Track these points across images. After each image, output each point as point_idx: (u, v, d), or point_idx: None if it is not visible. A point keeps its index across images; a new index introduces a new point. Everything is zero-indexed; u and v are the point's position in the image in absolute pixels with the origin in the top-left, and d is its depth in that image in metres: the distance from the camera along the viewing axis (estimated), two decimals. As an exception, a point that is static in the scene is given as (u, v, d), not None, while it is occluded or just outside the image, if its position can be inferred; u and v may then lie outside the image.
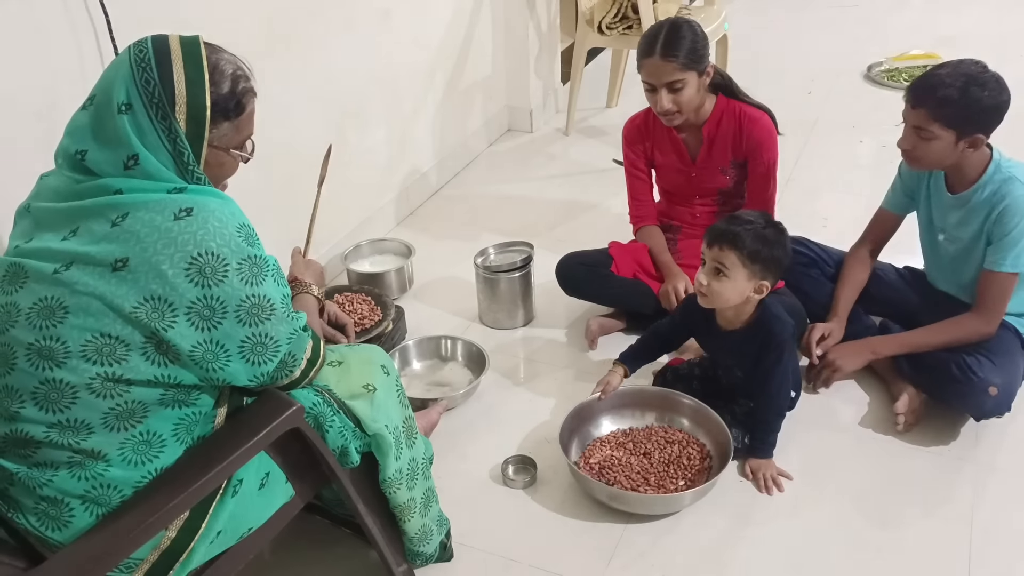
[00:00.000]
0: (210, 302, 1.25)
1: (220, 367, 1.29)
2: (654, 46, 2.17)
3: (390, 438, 1.55)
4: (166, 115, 1.25)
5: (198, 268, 1.23)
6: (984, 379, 1.95)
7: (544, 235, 3.01)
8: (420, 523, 1.69)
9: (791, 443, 2.07)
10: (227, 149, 1.35)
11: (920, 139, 1.93)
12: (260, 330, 1.31)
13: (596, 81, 4.05)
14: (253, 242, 1.30)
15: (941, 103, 1.87)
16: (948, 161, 1.96)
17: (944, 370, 2.00)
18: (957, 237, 2.07)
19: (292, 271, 1.75)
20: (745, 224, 1.89)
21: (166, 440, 1.31)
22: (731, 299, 1.92)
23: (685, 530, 1.90)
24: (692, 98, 2.21)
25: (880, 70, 4.19)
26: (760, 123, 2.28)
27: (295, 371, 1.41)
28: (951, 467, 2.02)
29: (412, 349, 2.41)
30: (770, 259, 1.88)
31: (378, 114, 2.94)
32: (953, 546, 1.83)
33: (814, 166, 3.45)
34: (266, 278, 1.31)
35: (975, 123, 1.89)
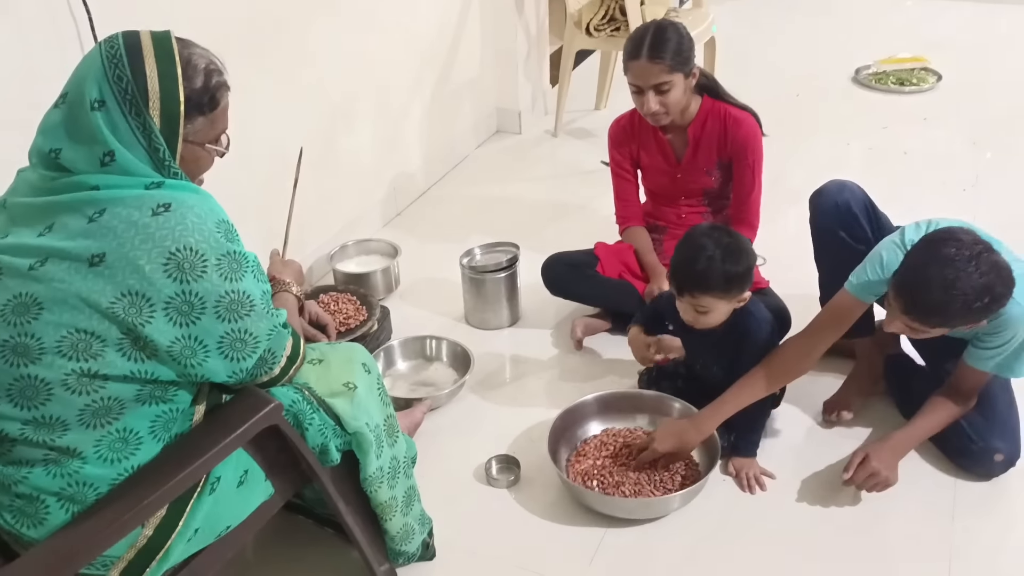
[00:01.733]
0: (189, 297, 1.24)
1: (198, 363, 1.29)
2: (640, 48, 2.17)
3: (371, 436, 1.55)
4: (140, 111, 1.25)
5: (176, 263, 1.22)
6: (988, 446, 1.91)
7: (532, 236, 3.00)
8: (402, 522, 1.69)
9: (775, 441, 2.07)
10: (202, 144, 1.34)
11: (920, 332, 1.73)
12: (239, 326, 1.30)
13: (585, 83, 4.05)
14: (232, 238, 1.30)
15: (953, 321, 1.67)
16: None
17: (948, 437, 1.96)
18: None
19: (270, 270, 1.75)
20: (704, 258, 1.83)
21: (143, 437, 1.30)
22: (719, 322, 1.94)
23: (667, 530, 1.90)
24: (679, 99, 2.22)
25: (868, 73, 4.21)
26: (745, 124, 2.29)
27: (275, 368, 1.41)
28: (933, 466, 2.03)
29: (397, 349, 2.41)
30: (742, 275, 1.87)
31: (365, 115, 2.94)
32: (935, 544, 1.84)
33: (801, 168, 3.45)
34: (246, 274, 1.30)
35: (987, 313, 1.67)
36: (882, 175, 2.40)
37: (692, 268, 1.87)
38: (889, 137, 3.63)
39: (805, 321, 2.29)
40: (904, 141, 3.59)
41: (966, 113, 3.80)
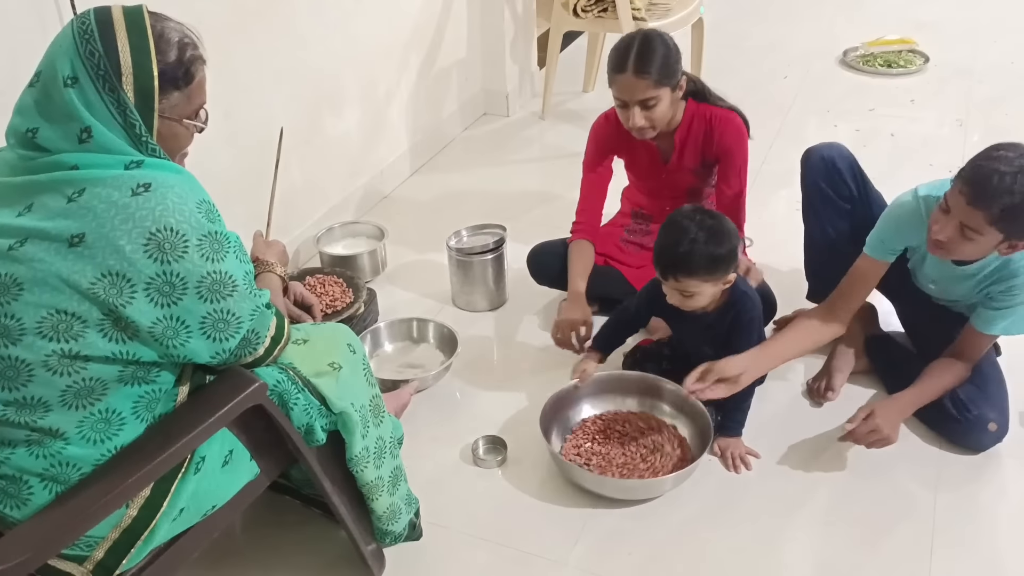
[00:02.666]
0: (170, 278, 1.23)
1: (180, 343, 1.28)
2: (625, 62, 2.09)
3: (356, 416, 1.55)
4: (113, 87, 1.23)
5: (157, 244, 1.22)
6: (981, 416, 1.94)
7: (519, 219, 3.00)
8: (388, 502, 1.69)
9: (759, 420, 2.08)
10: (179, 119, 1.33)
11: (963, 237, 1.71)
12: (222, 306, 1.30)
13: (572, 65, 4.04)
14: (214, 218, 1.29)
15: (1005, 213, 1.65)
16: (977, 257, 1.81)
17: (937, 407, 1.97)
18: (951, 289, 1.98)
19: (253, 251, 1.73)
20: (687, 241, 1.83)
21: (126, 418, 1.30)
22: (707, 303, 1.94)
23: (651, 510, 1.91)
24: (665, 113, 2.16)
25: (856, 55, 4.20)
26: (731, 126, 2.23)
27: (259, 348, 1.41)
28: (917, 443, 2.05)
29: (384, 331, 2.41)
30: (726, 257, 1.86)
31: (352, 96, 2.92)
32: (918, 520, 1.86)
33: (788, 151, 3.43)
34: (228, 254, 1.29)
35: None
36: (869, 157, 2.39)
37: (675, 252, 1.86)
38: (876, 119, 3.63)
39: (790, 304, 2.31)
40: (891, 123, 3.60)
41: (953, 95, 3.81)
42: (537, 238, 2.57)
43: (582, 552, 1.81)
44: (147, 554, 1.36)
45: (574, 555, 1.81)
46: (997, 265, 1.83)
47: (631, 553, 1.81)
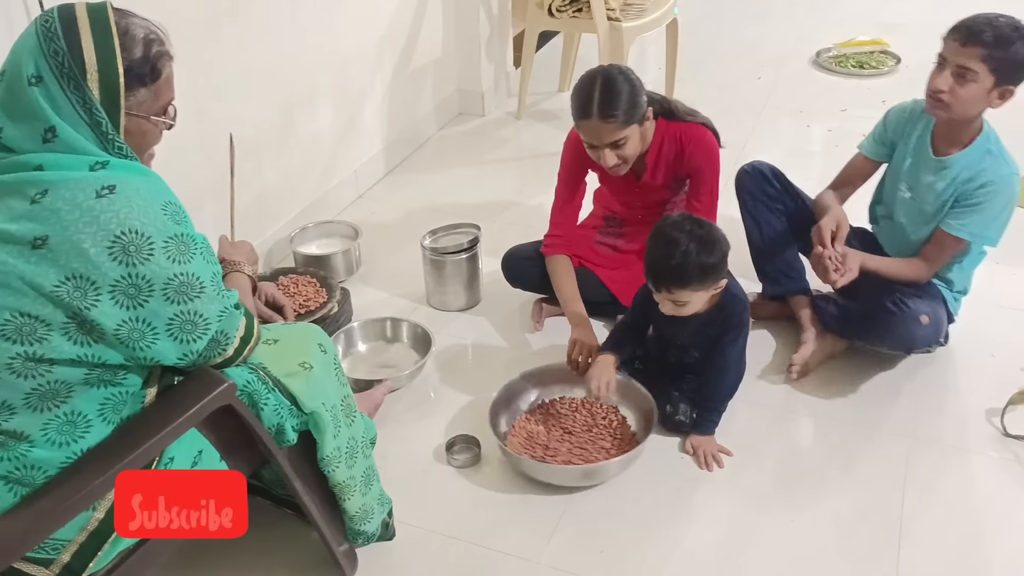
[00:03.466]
0: (135, 280, 1.23)
1: (147, 345, 1.27)
2: (589, 107, 2.05)
3: (327, 416, 1.54)
4: (78, 85, 1.22)
5: (121, 247, 1.21)
6: (915, 309, 2.04)
7: (495, 219, 3.01)
8: (360, 502, 1.68)
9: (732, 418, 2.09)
10: (147, 116, 1.32)
11: (959, 80, 1.92)
12: (189, 308, 1.29)
13: (548, 65, 4.05)
14: (180, 220, 1.28)
15: (996, 42, 1.87)
16: (975, 111, 1.97)
17: (877, 303, 2.07)
18: (923, 197, 2.11)
19: (220, 252, 1.73)
20: (679, 253, 1.83)
21: (92, 420, 1.29)
22: (699, 309, 1.95)
23: (625, 507, 1.92)
24: (636, 148, 2.15)
25: (828, 56, 4.25)
26: (702, 143, 2.22)
27: (228, 349, 1.40)
28: (886, 435, 2.07)
29: (357, 331, 2.40)
30: (717, 266, 1.87)
31: (326, 96, 2.91)
32: (885, 517, 1.88)
33: (761, 151, 3.47)
34: (194, 256, 1.29)
35: (1015, 72, 1.91)
36: (841, 156, 2.42)
37: (668, 264, 1.86)
38: (848, 119, 3.67)
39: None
40: (863, 123, 3.56)
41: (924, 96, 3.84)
42: (512, 238, 2.57)
43: (555, 550, 1.82)
44: (114, 556, 1.35)
45: (547, 553, 1.81)
46: (972, 159, 2.00)
47: (603, 551, 1.82)
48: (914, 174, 2.14)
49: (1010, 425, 2.07)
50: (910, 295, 2.08)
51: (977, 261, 2.19)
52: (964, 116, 2.00)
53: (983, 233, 2.05)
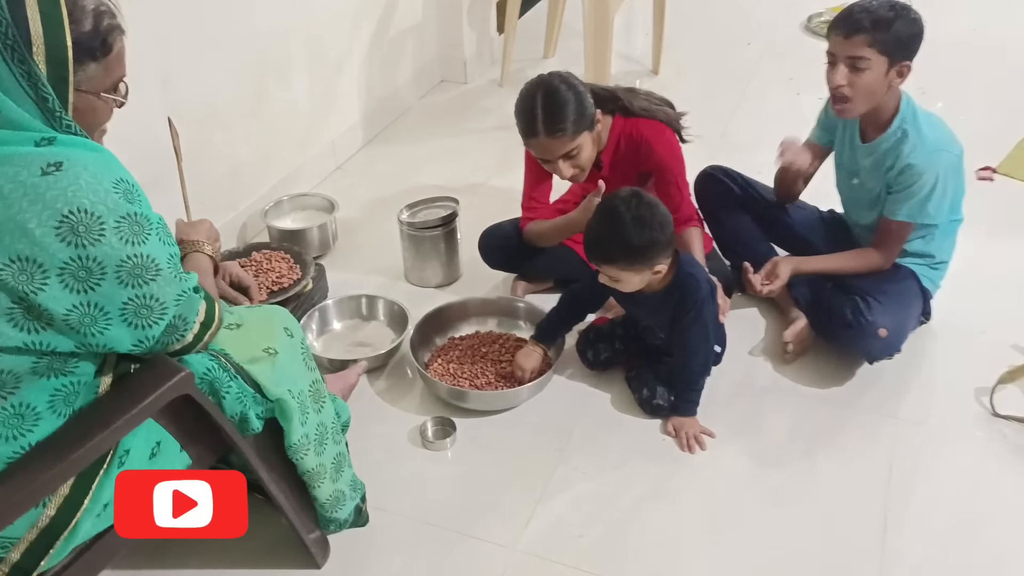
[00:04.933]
0: (86, 263, 1.16)
1: (99, 331, 1.21)
2: (535, 125, 2.00)
3: (294, 403, 1.48)
4: (23, 58, 1.15)
5: (70, 227, 1.14)
6: (873, 322, 2.01)
7: (477, 190, 2.94)
8: (331, 489, 1.63)
9: (713, 399, 2.05)
10: (97, 93, 1.25)
11: (854, 71, 1.93)
12: (144, 291, 1.22)
13: (533, 30, 3.94)
14: (133, 198, 1.21)
15: (876, 25, 1.88)
16: (878, 97, 1.97)
17: (838, 313, 2.06)
18: (868, 182, 2.12)
19: (178, 233, 1.65)
20: (613, 227, 1.80)
21: (41, 413, 1.23)
22: (637, 287, 1.90)
23: (605, 492, 1.87)
24: (590, 155, 2.08)
25: (820, 20, 4.15)
26: (659, 141, 2.14)
27: (187, 335, 1.34)
28: (869, 423, 2.03)
29: (332, 309, 2.34)
30: (648, 246, 1.81)
31: (300, 64, 2.81)
32: (870, 502, 1.84)
33: (750, 120, 3.42)
34: (149, 236, 1.22)
35: (904, 48, 1.92)
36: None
37: (596, 236, 1.84)
38: (839, 88, 3.58)
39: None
40: (853, 92, 3.55)
41: (916, 62, 3.75)
42: (494, 210, 2.51)
43: (532, 536, 1.78)
44: (68, 553, 1.30)
45: (523, 539, 1.77)
46: (891, 146, 2.01)
47: (582, 536, 1.77)
48: (853, 160, 2.15)
49: (999, 405, 2.03)
50: (872, 298, 2.05)
51: (951, 230, 2.15)
52: (871, 105, 1.99)
53: (920, 213, 2.03)
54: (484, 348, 2.20)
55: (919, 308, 2.16)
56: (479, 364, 2.15)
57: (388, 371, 2.21)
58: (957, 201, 2.11)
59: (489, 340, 2.23)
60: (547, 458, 1.94)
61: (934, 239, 2.13)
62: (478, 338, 2.25)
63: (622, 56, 3.88)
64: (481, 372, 2.12)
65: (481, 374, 2.12)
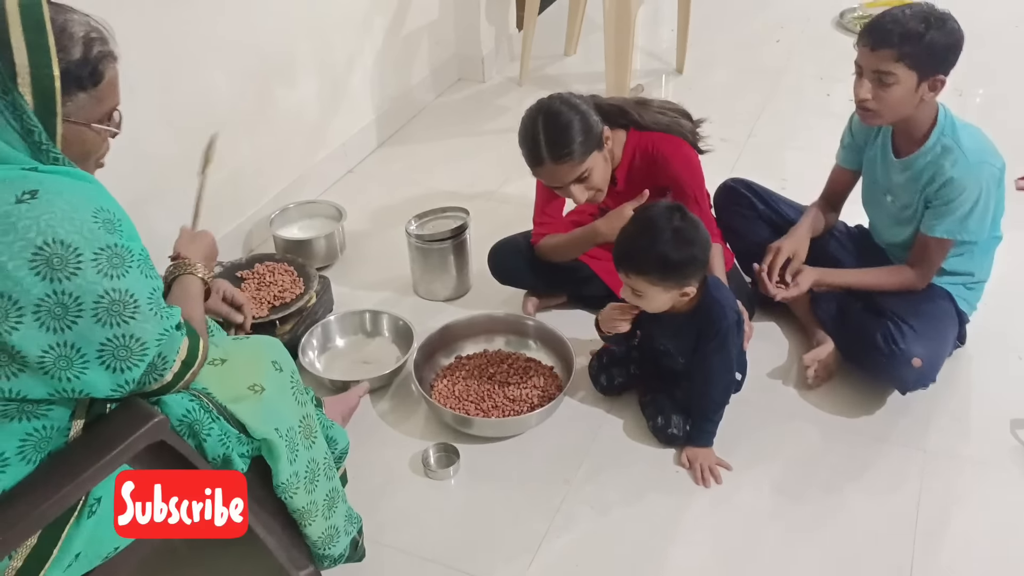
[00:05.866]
0: (61, 298, 1.08)
1: (75, 375, 1.13)
2: (539, 153, 1.90)
3: (281, 442, 1.41)
4: (7, 89, 1.09)
5: (44, 259, 1.06)
6: (907, 351, 1.90)
7: (493, 194, 2.85)
8: (324, 526, 1.56)
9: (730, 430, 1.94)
10: (87, 123, 1.19)
11: (880, 86, 1.81)
12: (123, 331, 1.15)
13: (553, 27, 3.83)
14: (114, 229, 1.13)
15: (904, 39, 1.76)
16: (906, 110, 1.86)
17: (869, 339, 1.94)
18: (902, 198, 2.00)
19: (177, 245, 1.56)
20: (647, 238, 1.71)
21: (10, 460, 1.15)
22: (660, 308, 1.79)
23: (614, 527, 1.78)
24: (604, 174, 1.98)
25: (853, 16, 4.00)
26: (676, 156, 2.02)
27: (166, 374, 1.25)
28: (894, 452, 1.92)
29: (334, 324, 2.26)
30: (684, 264, 1.71)
31: (306, 65, 2.72)
32: (898, 536, 1.73)
33: (777, 121, 3.29)
34: (130, 270, 1.14)
35: (937, 62, 1.79)
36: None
37: (632, 244, 1.74)
38: (871, 87, 3.44)
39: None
40: (887, 92, 3.41)
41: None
42: (507, 219, 2.42)
43: (536, 575, 1.69)
44: (37, 605, 1.23)
45: (527, 579, 1.69)
46: (930, 160, 1.89)
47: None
48: (886, 176, 2.02)
49: (1036, 439, 1.91)
50: (906, 323, 1.93)
51: (990, 247, 2.03)
52: (900, 117, 1.88)
53: (961, 230, 1.91)
54: (492, 369, 2.11)
55: (955, 333, 2.04)
56: (486, 386, 2.06)
57: (392, 391, 2.13)
58: (997, 217, 1.98)
59: (497, 360, 2.15)
60: (554, 489, 1.86)
61: (974, 256, 2.01)
62: (485, 358, 2.16)
63: (645, 52, 3.76)
64: (488, 395, 2.04)
65: (488, 396, 2.03)
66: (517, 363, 2.13)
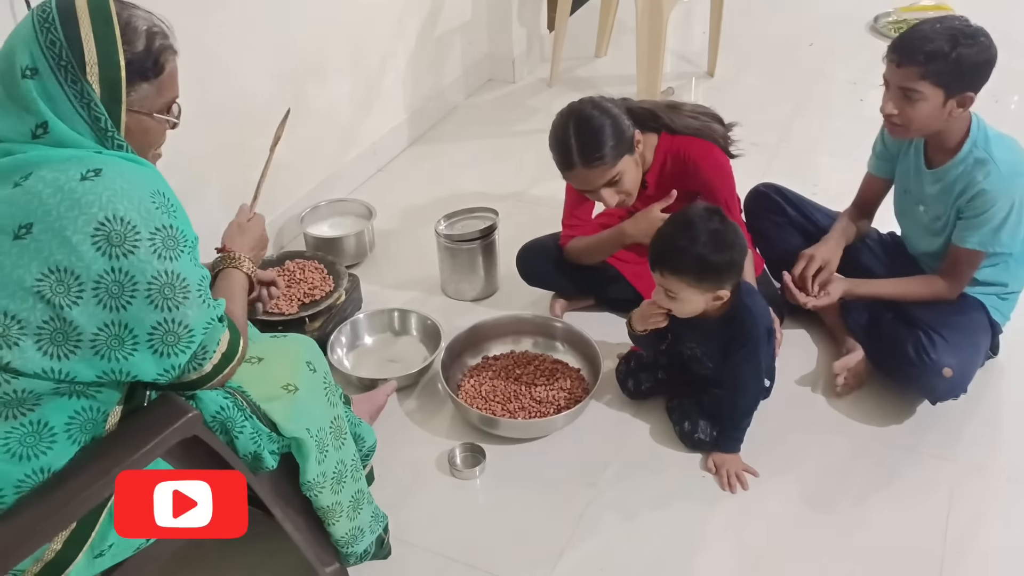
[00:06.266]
0: (118, 276, 1.12)
1: (125, 356, 1.16)
2: (570, 157, 1.90)
3: (311, 441, 1.42)
4: (76, 78, 1.14)
5: (105, 235, 1.11)
6: (938, 361, 1.87)
7: (523, 195, 2.85)
8: (348, 526, 1.57)
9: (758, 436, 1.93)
10: (150, 113, 1.24)
11: (907, 101, 1.79)
12: (173, 316, 1.18)
13: (584, 28, 3.83)
14: (169, 212, 1.17)
15: (930, 58, 1.74)
16: (934, 125, 1.83)
17: (899, 349, 1.92)
18: (934, 209, 1.97)
19: (224, 238, 1.56)
20: (688, 238, 1.70)
21: (57, 435, 1.18)
22: (693, 312, 1.79)
23: (639, 532, 1.78)
24: (635, 177, 1.97)
25: (887, 21, 3.96)
26: (708, 161, 2.01)
27: (205, 364, 1.27)
28: (923, 463, 1.91)
29: (363, 323, 2.27)
30: (721, 267, 1.71)
31: (341, 65, 2.74)
32: (925, 550, 1.72)
33: (809, 126, 3.27)
34: (182, 254, 1.18)
35: (965, 80, 1.77)
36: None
37: (670, 244, 1.73)
38: (906, 93, 3.40)
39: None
40: (922, 98, 3.37)
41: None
42: (536, 220, 2.42)
43: (560, 578, 1.70)
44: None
45: (551, 581, 1.69)
46: (963, 171, 1.86)
47: (613, 581, 1.69)
48: (919, 187, 2.00)
49: (1069, 452, 1.88)
50: (937, 333, 1.91)
51: None
52: (926, 133, 1.87)
53: (993, 241, 1.88)
54: (518, 370, 2.12)
55: (987, 344, 2.01)
56: (512, 387, 2.07)
57: (419, 390, 2.14)
58: None
59: (524, 361, 2.15)
60: (580, 492, 1.86)
61: (1008, 267, 1.98)
62: (512, 359, 2.16)
63: (677, 55, 3.75)
64: (515, 395, 2.04)
65: (515, 398, 2.03)
66: (544, 365, 2.13)
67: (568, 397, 2.03)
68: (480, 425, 1.98)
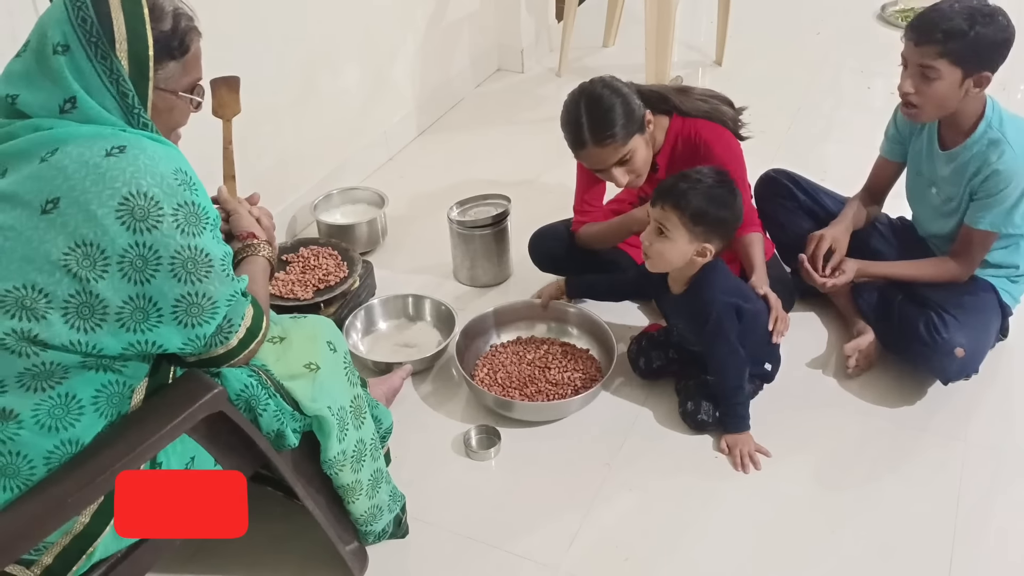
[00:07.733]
0: (142, 251, 1.15)
1: (149, 328, 1.19)
2: (582, 135, 1.91)
3: (332, 420, 1.45)
4: (106, 54, 1.17)
5: (129, 210, 1.14)
6: (950, 340, 1.89)
7: (532, 183, 2.87)
8: (367, 505, 1.60)
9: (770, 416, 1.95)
10: (175, 92, 1.27)
11: (924, 80, 1.81)
12: (196, 289, 1.21)
13: (592, 18, 3.84)
14: (191, 189, 1.20)
15: (949, 36, 1.75)
16: (950, 105, 1.85)
17: (911, 328, 1.94)
18: (947, 190, 1.99)
19: (243, 225, 1.54)
20: (694, 182, 1.77)
21: (85, 408, 1.21)
22: (673, 261, 1.82)
23: (652, 511, 1.80)
24: (646, 156, 1.99)
25: (894, 10, 3.97)
26: (719, 143, 2.02)
27: (231, 338, 1.29)
28: (935, 444, 1.92)
29: (378, 308, 2.30)
30: (716, 221, 1.77)
31: (350, 54, 2.76)
32: (937, 533, 1.73)
33: (816, 114, 3.28)
34: (204, 230, 1.21)
35: (982, 59, 1.78)
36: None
37: (679, 180, 1.79)
38: (913, 80, 3.41)
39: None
40: (929, 85, 3.38)
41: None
42: (547, 206, 2.43)
43: (576, 557, 1.71)
44: (105, 560, 1.29)
45: (567, 560, 1.71)
46: (976, 152, 1.88)
47: (627, 559, 1.71)
48: (932, 168, 2.01)
49: (1079, 432, 1.90)
50: (948, 314, 1.93)
51: None
52: (942, 113, 1.88)
53: (1006, 222, 1.90)
54: (532, 354, 2.14)
55: (997, 325, 2.03)
56: (527, 370, 2.09)
57: (434, 374, 2.16)
58: None
59: (537, 345, 2.17)
60: (594, 472, 1.88)
61: (1019, 249, 2.00)
62: (526, 343, 2.19)
63: (685, 44, 3.76)
64: (530, 379, 2.06)
65: (530, 382, 2.05)
66: (558, 348, 2.15)
67: (583, 378, 2.04)
68: (495, 408, 2.00)
